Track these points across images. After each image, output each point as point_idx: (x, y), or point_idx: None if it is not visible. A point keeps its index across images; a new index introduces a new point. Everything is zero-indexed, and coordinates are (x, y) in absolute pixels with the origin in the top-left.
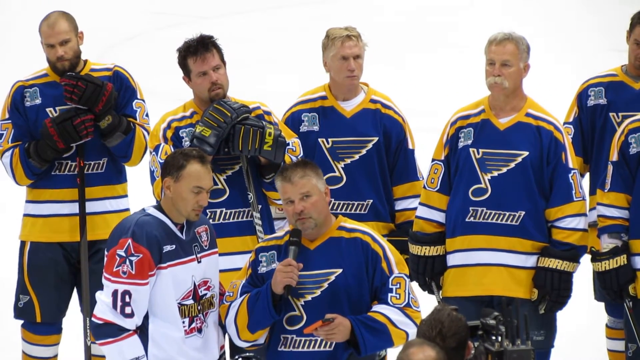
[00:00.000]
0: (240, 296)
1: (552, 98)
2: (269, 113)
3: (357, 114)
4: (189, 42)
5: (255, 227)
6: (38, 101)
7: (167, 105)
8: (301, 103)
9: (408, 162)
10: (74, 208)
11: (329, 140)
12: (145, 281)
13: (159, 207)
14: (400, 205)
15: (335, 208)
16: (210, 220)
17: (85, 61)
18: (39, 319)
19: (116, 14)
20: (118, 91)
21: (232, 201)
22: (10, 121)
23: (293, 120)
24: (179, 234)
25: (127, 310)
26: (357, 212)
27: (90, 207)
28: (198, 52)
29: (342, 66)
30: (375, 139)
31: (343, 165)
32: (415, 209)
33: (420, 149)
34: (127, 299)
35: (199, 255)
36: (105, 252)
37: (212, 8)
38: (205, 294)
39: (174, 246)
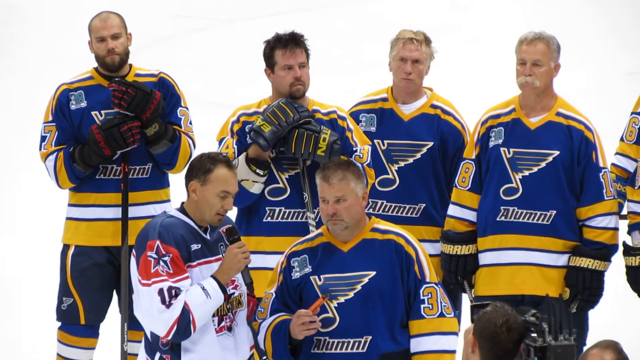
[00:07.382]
0: (270, 314)
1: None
2: (343, 118)
3: (415, 118)
4: (281, 35)
5: (310, 228)
6: (83, 104)
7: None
8: (362, 103)
9: None
10: (118, 212)
11: (385, 142)
12: (186, 275)
13: (181, 210)
14: None
15: (386, 210)
16: (269, 219)
17: (130, 65)
18: (83, 321)
19: (140, 17)
20: (163, 98)
21: (292, 201)
22: (54, 124)
23: None
24: (203, 234)
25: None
26: (409, 215)
27: (135, 211)
28: (288, 45)
29: (399, 67)
30: (430, 144)
31: (397, 168)
32: None
33: None
34: (174, 294)
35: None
36: (134, 260)
37: (239, 11)
38: (234, 293)
39: (199, 245)
